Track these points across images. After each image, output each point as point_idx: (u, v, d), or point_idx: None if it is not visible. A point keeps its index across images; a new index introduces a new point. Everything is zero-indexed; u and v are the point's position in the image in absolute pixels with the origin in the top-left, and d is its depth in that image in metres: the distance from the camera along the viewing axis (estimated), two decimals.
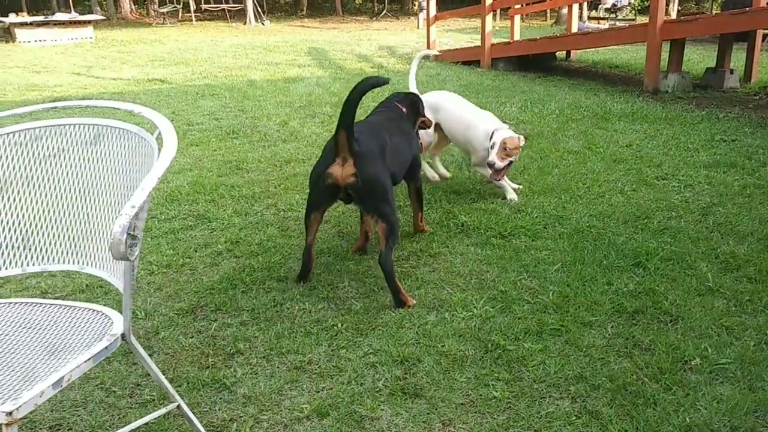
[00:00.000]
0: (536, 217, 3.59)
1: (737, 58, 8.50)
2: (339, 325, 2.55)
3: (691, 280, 2.80)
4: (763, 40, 8.96)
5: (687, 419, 1.93)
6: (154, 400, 2.12)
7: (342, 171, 2.70)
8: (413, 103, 3.51)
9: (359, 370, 2.26)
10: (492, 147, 3.72)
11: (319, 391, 2.15)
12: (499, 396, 2.08)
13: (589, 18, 18.94)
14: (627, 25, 13.74)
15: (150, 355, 2.37)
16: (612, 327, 2.46)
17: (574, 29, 11.09)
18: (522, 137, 3.80)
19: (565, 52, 11.11)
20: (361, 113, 3.02)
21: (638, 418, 1.94)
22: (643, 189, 4.04)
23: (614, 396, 2.06)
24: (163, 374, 2.21)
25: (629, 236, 3.29)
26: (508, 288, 2.79)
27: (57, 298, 2.84)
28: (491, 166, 3.70)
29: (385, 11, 25.05)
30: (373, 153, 2.77)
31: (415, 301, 2.73)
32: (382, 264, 2.70)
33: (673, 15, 20.49)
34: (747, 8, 7.57)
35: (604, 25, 16.59)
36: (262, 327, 2.56)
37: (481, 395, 2.09)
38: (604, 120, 6.01)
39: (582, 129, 5.66)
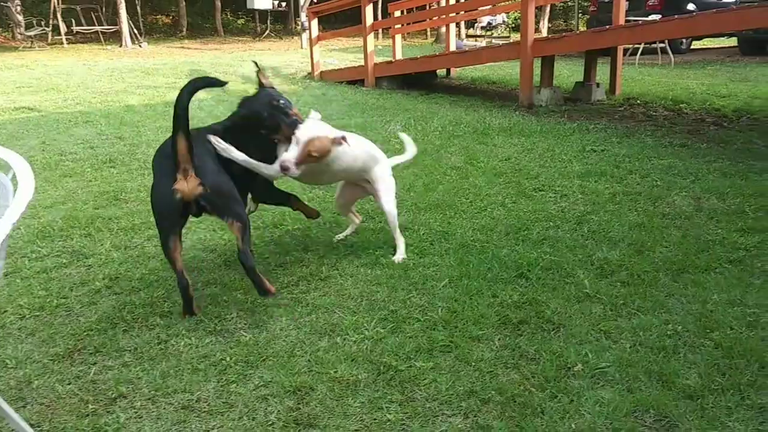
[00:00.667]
0: (423, 234, 3.65)
1: (603, 71, 9.08)
2: (228, 358, 2.47)
3: (570, 287, 2.94)
4: (625, 55, 9.64)
5: (573, 425, 2.01)
6: None
7: (188, 184, 2.65)
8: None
9: (250, 404, 2.19)
10: (294, 144, 2.93)
11: (209, 431, 2.07)
12: (393, 418, 2.08)
13: (467, 36, 19.70)
14: (501, 43, 14.38)
15: (22, 407, 2.21)
16: (499, 339, 2.54)
17: (453, 47, 11.48)
18: (341, 136, 3.04)
19: (445, 69, 11.46)
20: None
21: (527, 429, 2.00)
22: (523, 201, 4.21)
23: (504, 408, 2.11)
24: (38, 426, 2.07)
25: (511, 248, 3.41)
26: (398, 307, 2.81)
27: None
28: (284, 169, 2.89)
29: (268, 31, 24.88)
30: (206, 157, 2.76)
31: (274, 290, 2.83)
32: (243, 261, 2.73)
33: (544, 31, 21.69)
34: (608, 26, 8.13)
35: (481, 42, 17.30)
36: (146, 367, 2.44)
37: (375, 419, 2.08)
38: (484, 135, 6.24)
39: (464, 144, 5.84)
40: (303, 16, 17.39)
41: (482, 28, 20.20)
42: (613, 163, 5.06)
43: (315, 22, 11.77)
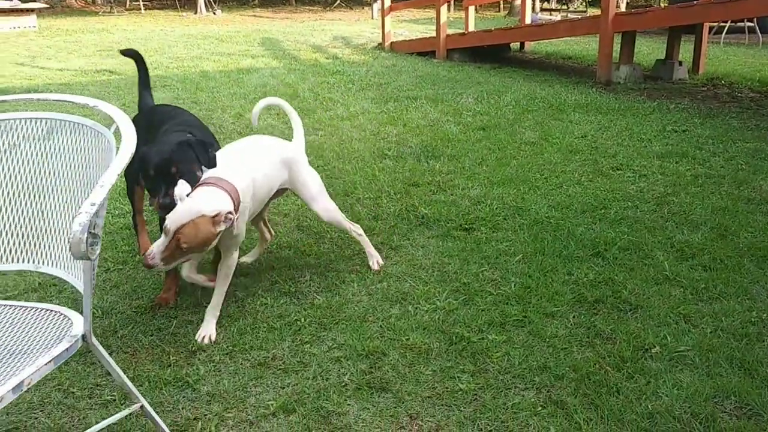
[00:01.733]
0: (496, 208, 3.61)
1: (685, 49, 8.71)
2: (302, 320, 2.52)
3: (649, 269, 2.86)
4: (709, 33, 9.22)
5: (649, 407, 1.97)
6: (114, 400, 2.07)
7: None
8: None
9: (324, 365, 2.24)
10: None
11: (284, 387, 2.12)
12: (464, 388, 2.08)
13: (542, 9, 19.20)
14: (580, 17, 13.96)
15: (109, 354, 2.30)
16: (574, 317, 2.50)
17: (528, 21, 11.21)
18: (224, 215, 2.17)
19: (519, 43, 11.22)
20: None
21: (602, 407, 1.97)
22: (600, 179, 4.11)
23: (578, 385, 2.08)
24: (124, 373, 2.15)
25: (587, 226, 3.34)
26: (471, 280, 2.80)
27: (8, 298, 2.73)
28: (147, 266, 2.10)
29: (339, 1, 24.87)
30: None
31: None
32: None
33: (623, 7, 20.91)
34: (695, 2, 7.77)
35: (557, 16, 16.83)
36: (224, 323, 2.52)
37: (447, 388, 2.09)
38: (559, 111, 6.09)
39: (538, 120, 5.73)
40: None
41: (558, 1, 19.64)
42: (696, 145, 4.87)
43: None
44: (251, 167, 2.51)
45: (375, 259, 2.99)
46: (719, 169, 4.24)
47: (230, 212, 2.19)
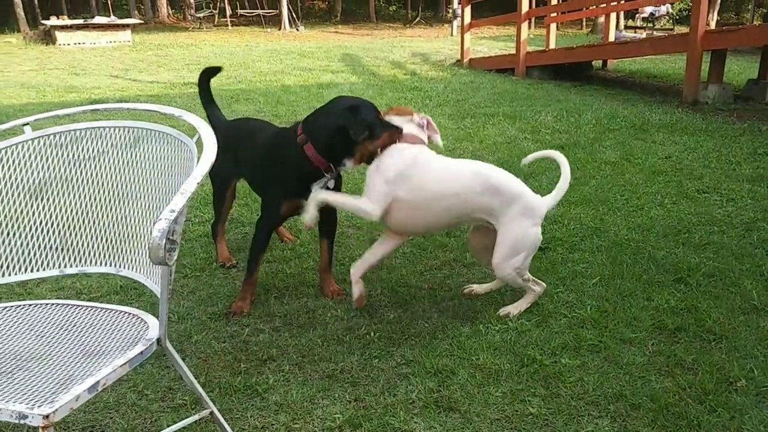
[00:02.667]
0: (573, 228, 3.51)
1: None
2: (371, 333, 2.52)
3: (735, 297, 2.71)
4: None
5: None
6: (186, 404, 2.11)
7: None
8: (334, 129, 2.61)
9: (392, 380, 2.22)
10: None
11: (351, 401, 2.12)
12: (535, 412, 2.02)
13: (626, 27, 18.72)
14: (666, 34, 13.53)
15: (183, 359, 2.36)
16: (653, 344, 2.39)
17: (611, 38, 10.95)
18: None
19: (601, 61, 10.97)
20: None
21: None
22: (684, 202, 3.94)
23: (656, 416, 1.99)
24: (196, 379, 2.20)
25: (670, 250, 3.20)
26: (545, 301, 2.73)
27: (92, 299, 2.85)
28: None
29: (419, 18, 25.06)
30: None
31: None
32: None
33: (712, 25, 20.15)
34: None
35: (642, 34, 16.37)
36: (295, 333, 2.54)
37: (516, 411, 2.04)
38: (642, 131, 5.90)
39: (620, 140, 5.57)
40: (455, 3, 17.31)
41: (643, 19, 19.12)
42: None
43: (468, 9, 11.67)
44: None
45: (508, 311, 2.65)
46: None
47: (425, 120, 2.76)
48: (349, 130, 2.52)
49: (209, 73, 3.39)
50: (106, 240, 1.78)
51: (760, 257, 3.10)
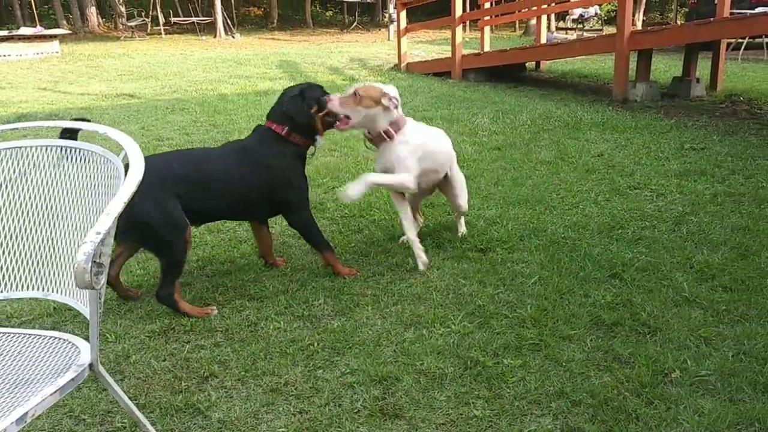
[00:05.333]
0: (512, 229, 3.57)
1: (703, 66, 8.65)
2: (315, 344, 2.50)
3: (668, 290, 2.81)
4: (727, 49, 9.14)
5: None
6: (125, 427, 2.05)
7: None
8: (299, 109, 3.03)
9: (337, 390, 2.21)
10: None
11: (296, 414, 2.10)
12: (480, 415, 2.04)
13: (557, 29, 19.20)
14: (595, 35, 13.93)
15: (121, 380, 2.30)
16: (591, 340, 2.45)
17: (543, 40, 11.21)
18: (390, 96, 3.03)
19: (534, 62, 11.22)
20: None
21: None
22: (616, 198, 4.06)
23: (596, 412, 2.03)
24: (135, 400, 2.15)
25: (604, 247, 3.29)
26: (486, 302, 2.76)
27: (23, 323, 2.75)
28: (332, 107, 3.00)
29: (355, 23, 25.10)
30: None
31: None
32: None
33: (639, 25, 20.88)
34: (712, 18, 7.73)
35: (572, 35, 16.83)
36: (237, 348, 2.50)
37: (461, 414, 2.05)
38: (575, 130, 6.06)
39: (554, 139, 5.70)
40: (391, 8, 17.42)
41: (573, 20, 19.66)
42: (714, 163, 4.80)
43: (403, 14, 11.76)
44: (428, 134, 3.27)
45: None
46: (739, 188, 4.17)
47: (396, 98, 3.05)
48: (309, 107, 3.02)
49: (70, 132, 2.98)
50: (33, 263, 1.71)
51: (690, 250, 3.22)
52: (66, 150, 1.70)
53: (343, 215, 3.95)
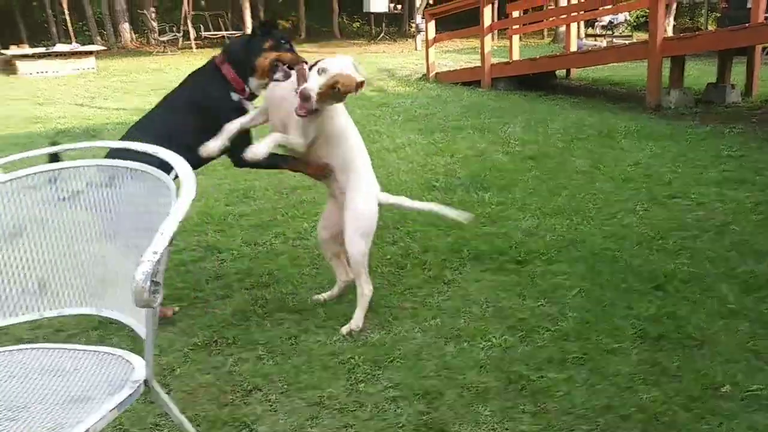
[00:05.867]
0: (549, 240, 3.55)
1: (737, 72, 8.51)
2: (356, 358, 2.50)
3: (713, 302, 2.76)
4: (763, 53, 8.99)
5: None
6: None
7: None
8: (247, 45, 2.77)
9: (380, 404, 2.21)
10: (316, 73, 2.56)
11: (341, 428, 2.10)
12: (526, 430, 2.03)
13: (587, 35, 19.06)
14: (626, 42, 13.81)
15: (168, 393, 2.32)
16: (636, 353, 2.42)
17: (573, 47, 11.14)
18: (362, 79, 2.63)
19: (565, 70, 11.15)
20: None
21: None
22: (655, 208, 4.00)
23: (645, 427, 2.01)
24: (183, 413, 2.16)
25: (645, 258, 3.25)
26: (527, 315, 2.75)
27: (70, 337, 2.80)
28: (305, 98, 2.51)
29: (383, 34, 25.20)
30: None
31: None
32: None
33: (669, 30, 20.61)
34: (746, 24, 7.61)
35: (602, 42, 16.69)
36: (279, 361, 2.52)
37: (507, 429, 2.04)
38: (609, 138, 6.00)
39: (588, 148, 5.65)
40: (419, 19, 17.46)
41: (603, 27, 19.48)
42: (754, 170, 4.72)
43: (432, 24, 11.78)
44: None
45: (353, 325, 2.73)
46: None
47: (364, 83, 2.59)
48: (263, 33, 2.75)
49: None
50: (86, 281, 1.74)
51: (734, 260, 3.16)
52: (118, 169, 1.73)
53: (378, 227, 3.94)
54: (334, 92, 2.56)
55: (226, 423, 2.14)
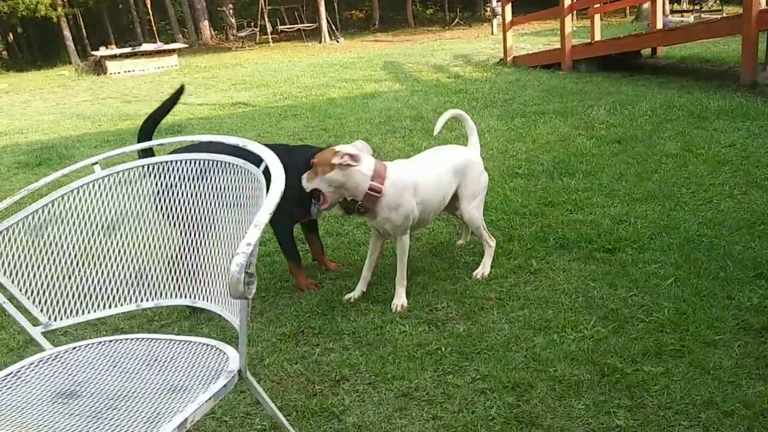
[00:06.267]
0: (640, 227, 3.40)
1: None
2: (443, 348, 2.48)
3: None
4: None
5: None
6: (265, 429, 2.12)
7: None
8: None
9: (469, 396, 2.18)
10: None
11: (429, 420, 2.08)
12: (622, 425, 1.95)
13: (672, 11, 18.23)
14: (717, 17, 13.11)
15: (258, 382, 2.37)
16: (739, 346, 2.28)
17: (659, 25, 10.66)
18: (342, 154, 2.64)
19: (650, 49, 10.69)
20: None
21: None
22: (754, 192, 3.78)
23: (751, 424, 1.89)
24: (273, 402, 2.20)
25: (746, 244, 3.07)
26: (619, 306, 2.64)
27: (163, 326, 2.90)
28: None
29: (457, 19, 24.92)
30: None
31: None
32: None
33: (763, 2, 19.43)
34: None
35: (690, 17, 15.91)
36: (365, 351, 2.52)
37: (602, 424, 1.97)
38: (701, 119, 5.70)
39: (678, 130, 5.39)
40: (494, 2, 17.16)
41: (689, 2, 18.59)
42: None
43: (509, 7, 11.54)
44: (418, 168, 2.91)
45: (481, 273, 3.08)
46: None
47: (349, 154, 2.64)
48: None
49: (163, 114, 3.10)
50: (180, 272, 1.79)
51: None
52: (208, 162, 1.77)
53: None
54: (313, 170, 2.73)
55: (315, 413, 2.16)
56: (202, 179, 1.76)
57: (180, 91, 3.08)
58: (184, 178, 1.80)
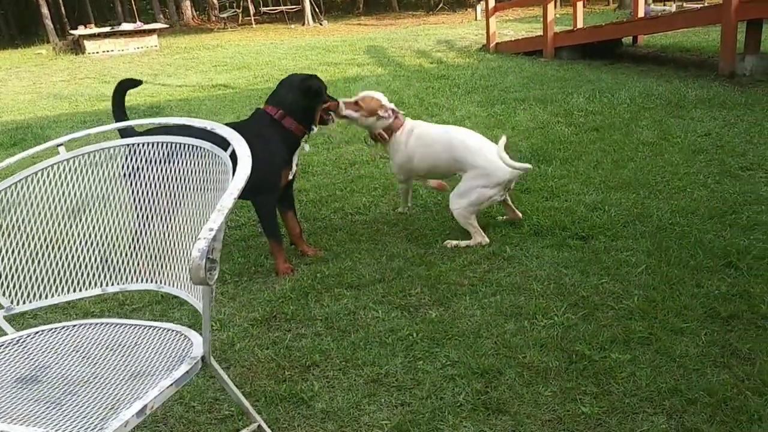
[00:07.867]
0: (614, 215, 3.43)
1: None
2: (414, 334, 2.48)
3: None
4: None
5: None
6: (233, 415, 2.11)
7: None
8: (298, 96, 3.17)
9: (438, 383, 2.18)
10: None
11: (398, 406, 2.09)
12: (588, 411, 1.97)
13: (654, 0, 18.27)
14: (699, 6, 13.17)
15: (227, 368, 2.37)
16: (706, 334, 2.31)
17: (641, 13, 10.68)
18: (388, 108, 3.52)
19: (631, 37, 10.72)
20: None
21: None
22: (728, 181, 3.81)
23: (714, 412, 1.92)
24: (241, 388, 2.20)
25: (717, 233, 3.10)
26: (590, 293, 2.66)
27: (134, 310, 2.88)
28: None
29: (441, 4, 24.81)
30: None
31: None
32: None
33: None
34: None
35: (671, 6, 15.96)
36: (337, 337, 2.52)
37: (568, 411, 1.99)
38: (678, 108, 5.74)
39: (656, 118, 5.42)
40: None
41: None
42: None
43: None
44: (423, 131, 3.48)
45: (453, 243, 3.28)
46: None
47: (394, 110, 3.50)
48: (316, 95, 3.19)
49: (126, 85, 3.28)
50: (146, 257, 1.77)
51: None
52: (176, 146, 1.74)
53: (436, 202, 3.91)
54: (357, 106, 3.47)
55: (284, 398, 2.16)
56: (170, 162, 1.74)
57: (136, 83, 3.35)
58: (151, 161, 1.77)
